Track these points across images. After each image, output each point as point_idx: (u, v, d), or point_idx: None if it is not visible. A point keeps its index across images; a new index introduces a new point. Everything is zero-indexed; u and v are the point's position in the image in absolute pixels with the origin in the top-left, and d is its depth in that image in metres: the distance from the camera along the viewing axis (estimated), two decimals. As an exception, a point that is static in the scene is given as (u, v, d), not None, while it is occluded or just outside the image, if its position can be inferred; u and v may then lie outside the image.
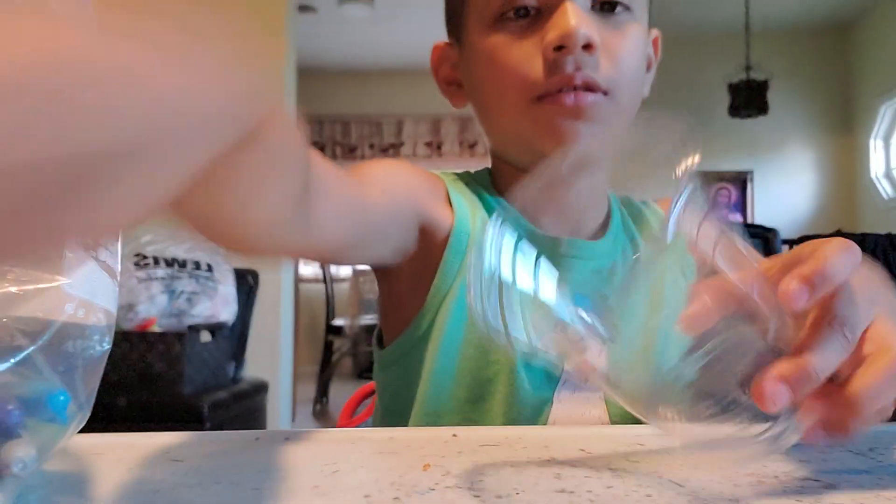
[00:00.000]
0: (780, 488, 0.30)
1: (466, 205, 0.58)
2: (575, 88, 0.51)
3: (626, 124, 0.56)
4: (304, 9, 3.87)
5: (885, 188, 4.26)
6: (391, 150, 4.93)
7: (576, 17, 0.50)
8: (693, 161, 0.27)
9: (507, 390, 0.52)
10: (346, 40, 4.44)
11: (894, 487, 0.30)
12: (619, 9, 0.54)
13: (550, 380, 0.53)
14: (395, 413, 0.58)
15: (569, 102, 0.51)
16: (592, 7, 0.53)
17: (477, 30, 0.56)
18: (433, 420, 0.54)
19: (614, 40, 0.53)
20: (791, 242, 2.65)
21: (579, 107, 0.51)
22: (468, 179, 0.62)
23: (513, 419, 0.52)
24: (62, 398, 0.25)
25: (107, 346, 0.27)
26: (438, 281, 0.55)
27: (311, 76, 4.19)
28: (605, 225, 0.60)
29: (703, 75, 4.46)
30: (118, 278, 0.28)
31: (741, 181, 4.74)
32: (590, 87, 0.52)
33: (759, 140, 4.58)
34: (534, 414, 0.52)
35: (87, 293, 0.26)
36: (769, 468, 0.33)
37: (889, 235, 2.47)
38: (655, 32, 0.62)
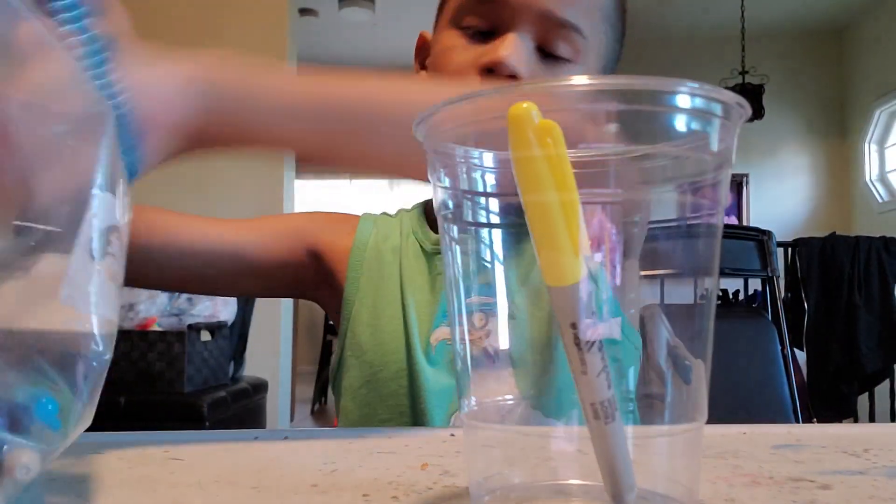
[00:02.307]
0: (775, 488, 0.30)
1: (370, 228, 0.65)
2: None
3: None
4: (304, 12, 3.87)
5: (878, 192, 4.28)
6: (388, 151, 4.93)
7: (509, 49, 0.54)
8: None
9: (406, 380, 0.56)
10: (346, 43, 4.44)
11: (889, 488, 0.30)
12: (561, 61, 0.57)
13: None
14: None
15: None
16: (538, 48, 0.57)
17: (444, 25, 0.61)
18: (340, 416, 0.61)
19: None
20: (786, 245, 2.66)
21: None
22: (395, 215, 0.69)
23: (420, 406, 0.56)
24: (50, 407, 0.25)
25: (109, 355, 0.27)
26: (347, 294, 0.62)
27: (308, 77, 4.19)
28: None
29: (699, 79, 4.43)
30: (122, 282, 0.28)
31: (736, 184, 4.76)
32: None
33: (755, 144, 4.59)
34: (441, 399, 0.55)
35: (92, 304, 0.26)
36: (764, 468, 0.33)
37: (883, 238, 2.48)
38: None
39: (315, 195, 4.87)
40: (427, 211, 0.68)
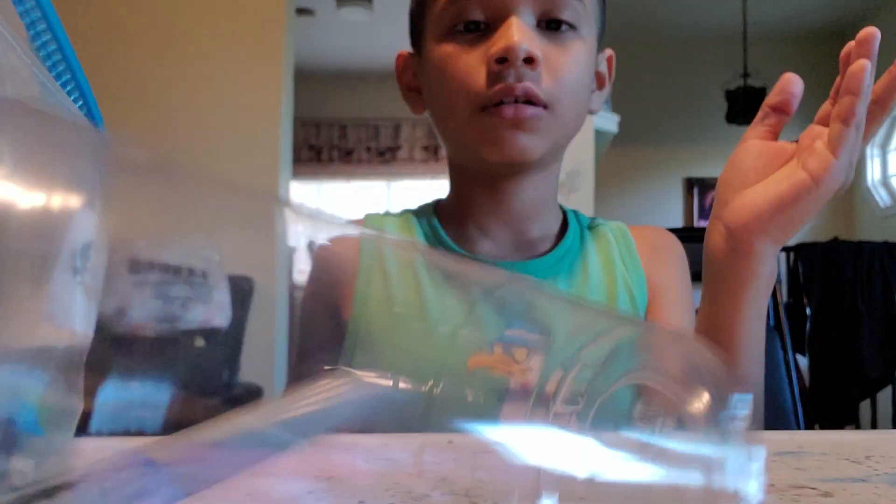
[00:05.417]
0: (776, 496, 0.30)
1: (372, 250, 0.61)
2: (516, 100, 0.54)
3: (567, 137, 0.60)
4: (302, 12, 3.88)
5: (881, 196, 4.28)
6: (388, 153, 4.94)
7: (519, 33, 0.53)
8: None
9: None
10: (343, 43, 4.46)
11: (891, 496, 0.30)
12: (564, 27, 0.57)
13: (492, 398, 0.53)
14: None
15: (509, 114, 0.54)
16: (538, 24, 0.56)
17: (432, 40, 0.60)
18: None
19: (557, 56, 0.56)
20: (787, 249, 2.66)
21: (519, 118, 0.54)
22: (404, 214, 0.66)
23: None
24: (29, 414, 0.24)
25: (82, 369, 0.27)
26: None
27: (308, 79, 4.20)
28: (559, 238, 0.63)
29: (701, 82, 4.47)
30: (98, 297, 0.28)
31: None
32: (530, 100, 0.54)
33: (756, 147, 4.59)
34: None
35: (69, 321, 0.25)
36: (766, 475, 0.33)
37: (885, 243, 2.48)
38: (609, 52, 0.65)
39: (311, 195, 4.88)
40: (439, 211, 0.65)
